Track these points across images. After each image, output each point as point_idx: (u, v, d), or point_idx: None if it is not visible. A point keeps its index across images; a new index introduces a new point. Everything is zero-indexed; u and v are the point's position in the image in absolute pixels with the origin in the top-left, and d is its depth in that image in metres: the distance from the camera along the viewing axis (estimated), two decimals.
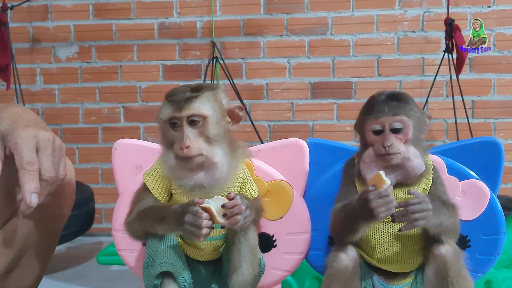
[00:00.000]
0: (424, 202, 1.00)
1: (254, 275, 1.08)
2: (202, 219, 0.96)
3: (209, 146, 1.03)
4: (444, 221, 1.04)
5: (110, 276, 2.03)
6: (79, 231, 2.17)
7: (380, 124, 1.08)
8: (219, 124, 1.05)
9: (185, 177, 1.05)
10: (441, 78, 2.45)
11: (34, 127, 0.92)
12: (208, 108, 1.03)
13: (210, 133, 1.03)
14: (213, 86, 1.09)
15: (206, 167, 1.04)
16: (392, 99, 1.09)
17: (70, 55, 2.80)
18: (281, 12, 2.68)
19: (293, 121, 2.70)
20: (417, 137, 1.09)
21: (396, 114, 1.07)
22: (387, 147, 1.05)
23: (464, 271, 1.03)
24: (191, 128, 1.02)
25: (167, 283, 1.03)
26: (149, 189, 1.10)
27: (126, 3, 2.75)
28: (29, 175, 0.88)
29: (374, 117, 1.08)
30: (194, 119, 1.02)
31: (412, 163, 1.06)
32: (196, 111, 1.02)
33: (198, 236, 0.96)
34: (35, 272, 1.17)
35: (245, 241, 1.07)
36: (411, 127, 1.07)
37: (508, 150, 2.44)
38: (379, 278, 1.12)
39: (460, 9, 2.58)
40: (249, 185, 1.14)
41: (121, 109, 2.78)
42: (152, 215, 1.07)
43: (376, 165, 1.08)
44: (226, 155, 1.06)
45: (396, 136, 1.07)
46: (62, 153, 0.96)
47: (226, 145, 1.07)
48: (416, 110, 1.10)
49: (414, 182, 1.09)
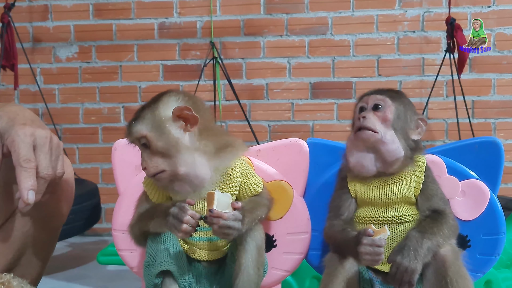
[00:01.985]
0: (408, 270, 0.99)
1: (259, 275, 1.08)
2: (186, 214, 0.95)
3: (169, 159, 1.02)
4: (433, 246, 1.03)
5: (110, 276, 2.03)
6: (84, 225, 2.15)
7: (365, 101, 1.12)
8: (163, 137, 1.02)
9: (171, 191, 1.06)
10: (441, 78, 2.46)
11: (31, 125, 0.92)
12: (145, 127, 1.02)
13: (158, 148, 1.01)
14: (156, 99, 1.06)
15: (178, 179, 1.03)
16: (387, 90, 1.14)
17: (70, 55, 2.80)
18: (281, 12, 2.68)
19: (293, 121, 2.70)
20: (399, 126, 1.09)
21: (381, 94, 1.12)
22: (361, 118, 1.07)
23: (463, 270, 1.03)
24: (144, 149, 1.03)
25: (168, 283, 1.02)
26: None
27: (126, 3, 2.75)
28: (26, 172, 0.88)
29: (361, 98, 1.15)
30: (141, 142, 1.02)
31: (386, 146, 1.06)
32: (137, 134, 1.02)
33: (177, 229, 0.96)
34: (35, 271, 1.17)
35: (252, 241, 1.06)
36: (393, 109, 1.08)
37: (508, 150, 2.44)
38: (378, 278, 1.12)
39: (460, 9, 2.58)
40: (251, 180, 1.12)
41: (121, 109, 2.78)
42: (147, 214, 1.07)
43: (355, 147, 1.09)
44: (201, 158, 1.04)
45: (376, 113, 1.08)
46: (59, 151, 0.96)
47: (201, 147, 1.05)
48: (405, 104, 1.12)
49: (396, 171, 1.09)
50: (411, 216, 1.10)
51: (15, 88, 2.39)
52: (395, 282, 1.01)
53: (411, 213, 1.10)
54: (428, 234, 1.03)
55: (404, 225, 1.09)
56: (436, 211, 1.09)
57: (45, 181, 0.91)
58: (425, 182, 1.10)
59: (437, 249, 1.04)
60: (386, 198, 1.09)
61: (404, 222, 1.09)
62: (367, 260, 0.99)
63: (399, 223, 1.09)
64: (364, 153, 1.08)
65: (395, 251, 1.03)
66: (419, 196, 1.10)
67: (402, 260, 1.00)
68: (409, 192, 1.09)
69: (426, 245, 1.02)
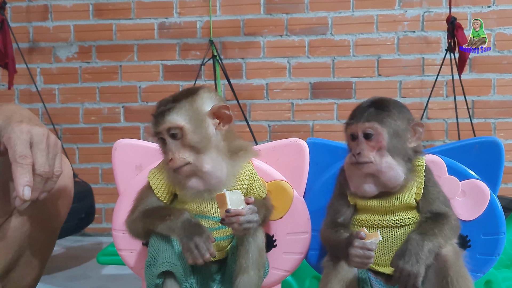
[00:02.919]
0: (411, 275, 0.99)
1: (259, 276, 1.08)
2: (209, 249, 0.97)
3: (197, 154, 1.03)
4: (434, 247, 1.03)
5: (110, 276, 2.03)
6: (76, 226, 2.15)
7: (354, 130, 1.07)
8: (199, 131, 1.03)
9: (184, 186, 1.05)
10: (441, 78, 2.45)
11: (28, 123, 0.91)
12: (183, 118, 1.03)
13: (191, 142, 1.02)
14: (193, 92, 1.07)
15: (198, 175, 1.04)
16: (373, 106, 1.08)
17: (70, 55, 2.80)
18: (281, 12, 2.68)
19: (293, 121, 2.70)
20: (395, 146, 1.06)
21: (368, 120, 1.06)
22: (356, 155, 1.05)
23: (464, 270, 1.03)
24: (173, 140, 1.03)
25: (169, 283, 1.02)
26: (152, 188, 1.10)
27: (126, 3, 2.75)
28: (22, 168, 0.87)
29: (350, 123, 1.09)
30: (173, 132, 1.02)
31: (385, 175, 1.05)
32: (171, 124, 1.02)
33: (194, 260, 0.98)
34: (34, 271, 1.17)
35: (253, 242, 1.07)
36: (385, 135, 1.05)
37: (508, 150, 2.44)
38: (377, 278, 1.12)
39: (460, 9, 2.58)
40: (257, 185, 1.13)
41: (121, 109, 2.78)
42: (155, 214, 1.07)
43: (355, 174, 1.08)
44: (222, 158, 1.06)
45: (368, 142, 1.05)
46: (57, 150, 0.95)
47: (222, 147, 1.06)
48: (395, 118, 1.07)
49: (398, 190, 1.08)
50: (411, 219, 1.09)
51: (9, 87, 2.39)
52: (400, 286, 1.01)
53: (411, 216, 1.10)
54: (428, 236, 1.03)
55: (404, 228, 1.09)
56: (438, 214, 1.09)
57: (42, 179, 0.91)
58: (426, 186, 1.10)
59: (439, 250, 1.03)
60: (387, 207, 1.09)
61: (404, 226, 1.09)
62: (356, 263, 1.00)
63: (399, 226, 1.09)
64: (364, 179, 1.07)
65: (397, 255, 1.02)
66: (421, 200, 1.10)
67: (404, 265, 1.00)
68: (411, 198, 1.09)
69: (427, 248, 1.01)
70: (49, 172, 0.92)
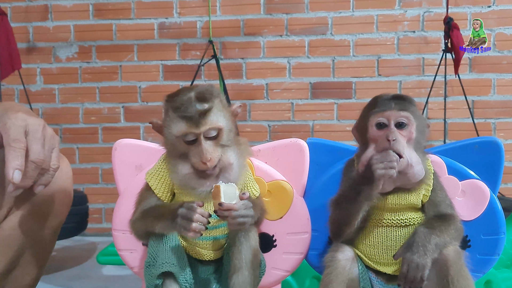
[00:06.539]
0: (419, 266, 0.99)
1: (254, 276, 1.08)
2: (196, 212, 0.95)
3: (224, 150, 1.04)
4: (441, 242, 1.03)
5: (110, 276, 2.03)
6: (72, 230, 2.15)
7: (386, 117, 1.05)
8: (231, 130, 1.05)
9: (201, 185, 1.03)
10: (441, 78, 2.45)
11: (25, 113, 0.91)
12: (222, 118, 1.03)
13: (225, 141, 1.03)
14: (214, 90, 1.07)
15: (223, 171, 1.03)
16: (398, 98, 1.08)
17: (70, 55, 2.80)
18: (281, 12, 2.68)
19: (293, 121, 2.70)
20: (418, 141, 1.07)
21: (403, 109, 1.05)
22: (392, 140, 1.02)
23: (464, 270, 1.03)
24: (207, 140, 1.01)
25: (169, 284, 1.02)
26: (152, 189, 1.10)
27: (126, 3, 2.75)
28: (14, 151, 0.86)
29: (379, 110, 1.06)
30: (212, 132, 1.01)
31: (414, 169, 1.03)
32: (212, 125, 1.01)
33: (187, 229, 0.95)
34: (34, 271, 1.17)
35: (246, 242, 1.07)
36: (415, 127, 1.06)
37: (508, 150, 2.44)
38: (378, 278, 1.12)
39: (460, 9, 2.58)
40: (251, 185, 1.13)
41: (121, 109, 2.78)
42: (153, 214, 1.07)
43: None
44: (237, 155, 1.06)
45: (400, 132, 1.04)
46: (54, 143, 0.94)
47: (235, 144, 1.07)
48: (419, 114, 1.09)
49: (413, 187, 1.08)
50: (416, 219, 1.10)
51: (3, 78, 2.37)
52: (407, 280, 1.01)
53: (415, 217, 1.10)
54: (436, 231, 1.03)
55: (408, 228, 1.09)
56: (444, 214, 1.09)
57: (36, 167, 0.89)
58: (434, 189, 1.10)
59: (444, 247, 1.03)
60: (393, 204, 1.09)
61: (408, 226, 1.09)
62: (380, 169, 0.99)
63: (403, 226, 1.09)
64: None
65: (404, 247, 1.03)
66: (427, 203, 1.10)
67: (412, 256, 1.00)
68: (417, 200, 1.09)
69: (434, 241, 1.01)
70: (44, 162, 0.90)
